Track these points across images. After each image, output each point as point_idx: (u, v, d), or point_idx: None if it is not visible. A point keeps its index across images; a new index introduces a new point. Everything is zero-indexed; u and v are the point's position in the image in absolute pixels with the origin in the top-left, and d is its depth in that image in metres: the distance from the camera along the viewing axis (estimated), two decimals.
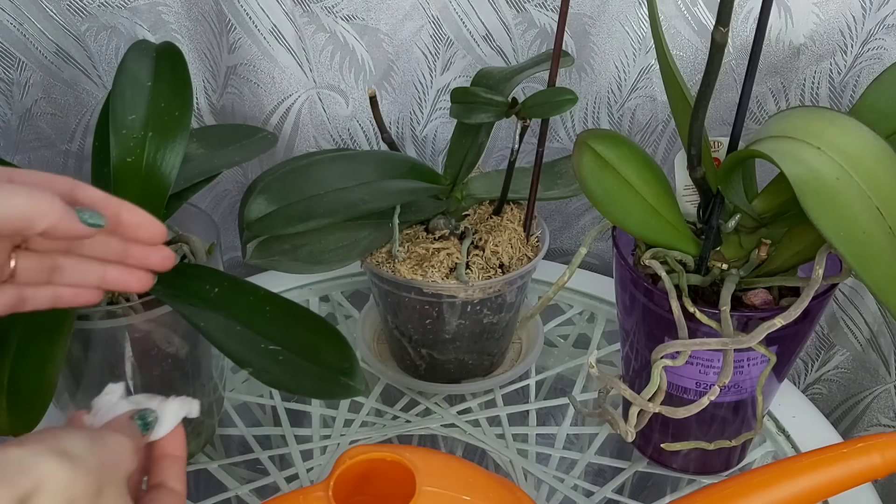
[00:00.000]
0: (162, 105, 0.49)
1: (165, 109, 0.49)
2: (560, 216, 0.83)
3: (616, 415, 0.50)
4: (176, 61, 0.51)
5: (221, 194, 0.79)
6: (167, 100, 0.49)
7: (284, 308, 0.48)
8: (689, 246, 0.51)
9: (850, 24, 0.64)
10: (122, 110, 0.49)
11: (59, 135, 0.69)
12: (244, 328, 0.46)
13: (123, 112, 0.49)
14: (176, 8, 0.66)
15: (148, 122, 0.49)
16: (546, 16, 0.69)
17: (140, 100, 0.49)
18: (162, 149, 0.48)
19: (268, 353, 0.46)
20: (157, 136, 0.49)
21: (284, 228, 0.54)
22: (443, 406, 0.64)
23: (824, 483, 0.41)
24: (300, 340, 0.47)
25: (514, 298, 0.62)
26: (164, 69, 0.51)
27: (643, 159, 0.49)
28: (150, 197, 0.48)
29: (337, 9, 0.67)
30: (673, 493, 0.59)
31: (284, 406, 0.63)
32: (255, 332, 0.46)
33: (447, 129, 0.75)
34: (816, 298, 0.46)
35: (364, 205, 0.55)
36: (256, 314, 0.47)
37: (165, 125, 0.49)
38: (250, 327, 0.46)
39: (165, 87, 0.50)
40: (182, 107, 0.50)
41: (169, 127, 0.49)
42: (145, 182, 0.48)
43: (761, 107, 0.69)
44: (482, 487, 0.44)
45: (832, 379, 0.76)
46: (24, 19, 0.62)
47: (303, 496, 0.41)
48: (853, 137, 0.42)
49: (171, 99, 0.50)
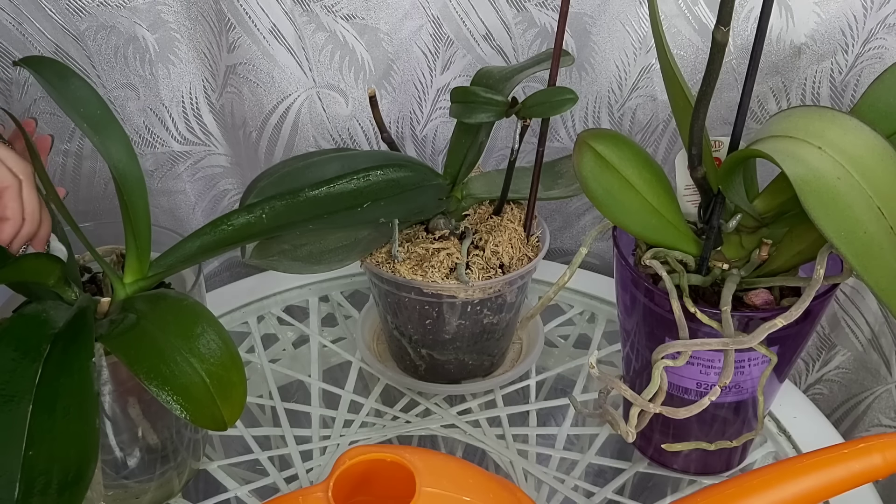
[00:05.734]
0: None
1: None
2: (560, 216, 0.83)
3: (616, 415, 0.50)
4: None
5: (221, 194, 0.79)
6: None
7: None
8: (689, 246, 0.50)
9: (851, 24, 0.64)
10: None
11: (58, 134, 0.69)
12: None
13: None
14: (175, 7, 0.66)
15: None
16: (546, 15, 0.69)
17: None
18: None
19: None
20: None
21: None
22: (443, 406, 0.64)
23: (825, 484, 0.41)
24: None
25: (514, 298, 0.62)
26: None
27: (644, 159, 0.48)
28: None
29: (336, 8, 0.67)
30: (674, 494, 0.58)
31: (284, 406, 0.63)
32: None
33: (447, 128, 0.75)
34: (817, 298, 0.46)
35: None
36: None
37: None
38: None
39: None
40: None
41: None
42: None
43: (762, 106, 0.69)
44: (482, 488, 0.44)
45: (833, 379, 0.76)
46: (24, 19, 0.62)
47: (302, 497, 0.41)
48: (854, 137, 0.42)
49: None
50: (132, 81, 0.68)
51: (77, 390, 0.41)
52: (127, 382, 0.49)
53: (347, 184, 0.54)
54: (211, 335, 0.44)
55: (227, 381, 0.43)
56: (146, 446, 0.52)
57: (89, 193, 0.74)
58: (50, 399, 0.40)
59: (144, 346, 0.43)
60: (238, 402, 0.44)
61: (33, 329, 0.43)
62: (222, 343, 0.44)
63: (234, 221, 0.51)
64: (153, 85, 0.68)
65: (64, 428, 0.40)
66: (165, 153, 0.73)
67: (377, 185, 0.55)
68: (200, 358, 0.43)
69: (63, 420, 0.40)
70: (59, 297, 0.48)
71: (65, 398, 0.40)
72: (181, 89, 0.70)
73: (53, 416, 0.40)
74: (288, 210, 0.52)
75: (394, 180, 0.56)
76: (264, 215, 0.51)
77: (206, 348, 0.44)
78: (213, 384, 0.43)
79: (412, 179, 0.57)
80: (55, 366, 0.41)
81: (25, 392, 0.40)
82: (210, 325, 0.45)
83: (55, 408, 0.40)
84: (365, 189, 0.55)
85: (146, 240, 0.50)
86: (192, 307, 0.46)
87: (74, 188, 0.73)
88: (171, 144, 0.73)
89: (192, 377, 0.42)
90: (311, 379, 0.66)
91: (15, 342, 0.42)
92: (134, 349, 0.43)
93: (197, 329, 0.44)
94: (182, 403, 0.42)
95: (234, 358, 0.44)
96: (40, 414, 0.39)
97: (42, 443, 0.39)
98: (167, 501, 0.56)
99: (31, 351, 0.42)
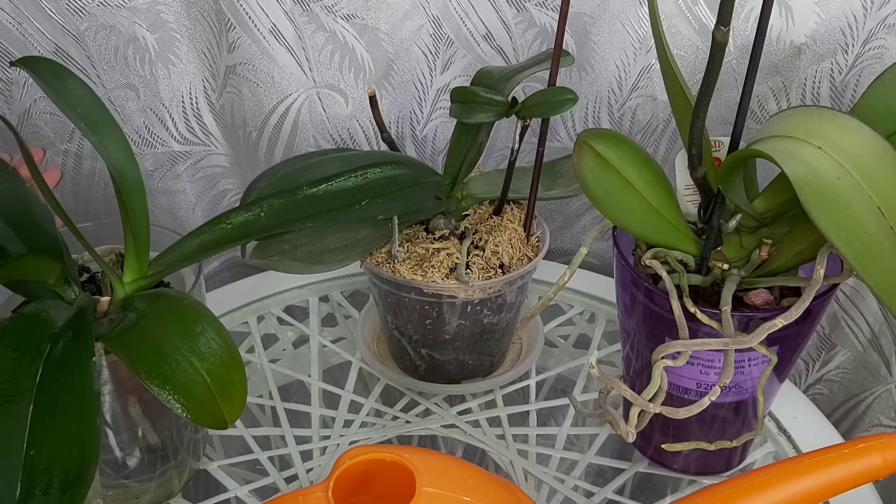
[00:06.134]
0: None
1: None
2: (560, 216, 0.83)
3: (616, 415, 0.50)
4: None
5: (221, 193, 0.79)
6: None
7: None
8: (689, 246, 0.50)
9: (852, 24, 0.64)
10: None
11: (57, 134, 0.69)
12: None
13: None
14: (175, 7, 0.66)
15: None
16: (546, 15, 0.69)
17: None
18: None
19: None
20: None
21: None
22: (443, 406, 0.64)
23: (825, 484, 0.41)
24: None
25: (514, 298, 0.62)
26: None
27: (644, 159, 0.48)
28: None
29: (336, 8, 0.67)
30: (674, 494, 0.58)
31: (284, 406, 0.63)
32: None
33: (447, 128, 0.75)
34: (818, 298, 0.46)
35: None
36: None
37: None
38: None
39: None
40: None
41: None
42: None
43: (762, 106, 0.69)
44: (482, 488, 0.44)
45: (833, 379, 0.76)
46: (24, 19, 0.62)
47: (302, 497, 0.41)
48: (854, 137, 0.42)
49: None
50: (132, 81, 0.68)
51: (78, 390, 0.41)
52: (127, 382, 0.49)
53: (345, 181, 0.54)
54: (211, 334, 0.44)
55: (228, 379, 0.43)
56: (146, 446, 0.52)
57: (89, 193, 0.74)
58: (50, 398, 0.40)
59: (145, 346, 0.43)
60: (239, 400, 0.44)
61: (33, 328, 0.43)
62: (222, 342, 0.44)
63: (232, 220, 0.51)
64: (153, 85, 0.68)
65: (65, 427, 0.39)
66: (165, 153, 0.73)
67: (375, 182, 0.55)
68: (201, 357, 0.43)
69: (64, 419, 0.40)
70: (59, 296, 0.48)
71: (65, 398, 0.40)
72: (181, 89, 0.70)
73: (54, 415, 0.39)
74: (286, 208, 0.52)
75: (391, 177, 0.56)
76: (263, 213, 0.51)
77: (207, 347, 0.44)
78: (214, 383, 0.43)
79: (410, 177, 0.57)
80: (55, 365, 0.41)
81: (26, 392, 0.40)
82: (210, 324, 0.45)
83: (56, 407, 0.40)
84: (363, 186, 0.54)
85: (145, 239, 0.50)
86: (192, 306, 0.46)
87: (74, 188, 0.73)
88: (171, 144, 0.73)
89: (192, 376, 0.42)
90: (311, 379, 0.66)
91: (15, 342, 0.42)
92: (134, 348, 0.43)
93: (197, 328, 0.44)
94: (183, 402, 0.42)
95: (235, 357, 0.44)
96: (41, 413, 0.39)
97: (43, 442, 0.38)
98: (167, 501, 0.56)
99: (32, 350, 0.42)
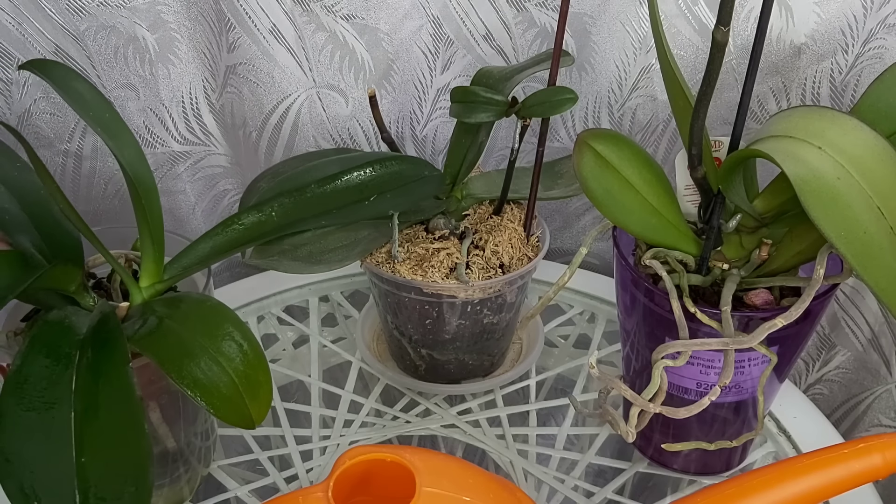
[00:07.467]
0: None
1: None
2: (560, 216, 0.83)
3: (616, 415, 0.50)
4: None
5: (221, 194, 0.79)
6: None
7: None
8: (689, 246, 0.50)
9: (852, 24, 0.64)
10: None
11: (57, 134, 0.69)
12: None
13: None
14: (175, 7, 0.66)
15: None
16: (546, 15, 0.69)
17: None
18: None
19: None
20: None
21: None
22: (443, 406, 0.64)
23: (825, 484, 0.41)
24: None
25: (514, 298, 0.62)
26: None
27: (644, 159, 0.48)
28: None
29: (336, 8, 0.67)
30: (674, 494, 0.58)
31: (284, 406, 0.63)
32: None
33: (447, 128, 0.75)
34: (817, 298, 0.46)
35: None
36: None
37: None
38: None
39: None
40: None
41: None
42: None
43: (762, 106, 0.69)
44: (482, 488, 0.44)
45: (833, 379, 0.76)
46: (23, 19, 0.62)
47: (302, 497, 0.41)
48: (854, 137, 0.42)
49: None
50: (132, 81, 0.68)
51: (119, 395, 0.40)
52: (148, 387, 0.49)
53: (352, 178, 0.54)
54: (236, 335, 0.44)
55: (255, 380, 0.43)
56: (163, 451, 0.52)
57: (89, 194, 0.74)
58: (91, 405, 0.40)
59: (172, 346, 0.43)
60: (265, 400, 0.44)
61: (62, 335, 0.43)
62: (247, 343, 0.44)
63: (244, 220, 0.51)
64: (153, 85, 0.68)
65: (112, 433, 0.39)
66: (165, 153, 0.73)
67: (381, 177, 0.55)
68: (227, 357, 0.43)
69: (109, 425, 0.39)
70: (76, 303, 0.48)
71: (107, 403, 0.40)
72: (181, 89, 0.70)
73: (98, 421, 0.39)
74: (296, 207, 0.52)
75: (396, 172, 0.56)
76: (274, 213, 0.51)
77: (232, 348, 0.44)
78: (242, 383, 0.43)
79: (413, 171, 0.57)
80: (88, 371, 0.41)
81: (64, 398, 0.39)
82: (235, 325, 0.45)
83: (98, 414, 0.39)
84: (370, 182, 0.55)
85: (161, 243, 0.50)
86: (216, 308, 0.46)
87: (74, 188, 0.73)
88: (171, 144, 0.72)
89: (220, 376, 0.42)
90: (311, 379, 0.66)
91: (46, 349, 0.42)
92: (164, 349, 0.43)
93: (222, 329, 0.44)
94: (213, 402, 0.42)
95: (260, 357, 0.44)
96: (84, 420, 0.39)
97: (93, 449, 0.38)
98: None
99: (63, 357, 0.41)
